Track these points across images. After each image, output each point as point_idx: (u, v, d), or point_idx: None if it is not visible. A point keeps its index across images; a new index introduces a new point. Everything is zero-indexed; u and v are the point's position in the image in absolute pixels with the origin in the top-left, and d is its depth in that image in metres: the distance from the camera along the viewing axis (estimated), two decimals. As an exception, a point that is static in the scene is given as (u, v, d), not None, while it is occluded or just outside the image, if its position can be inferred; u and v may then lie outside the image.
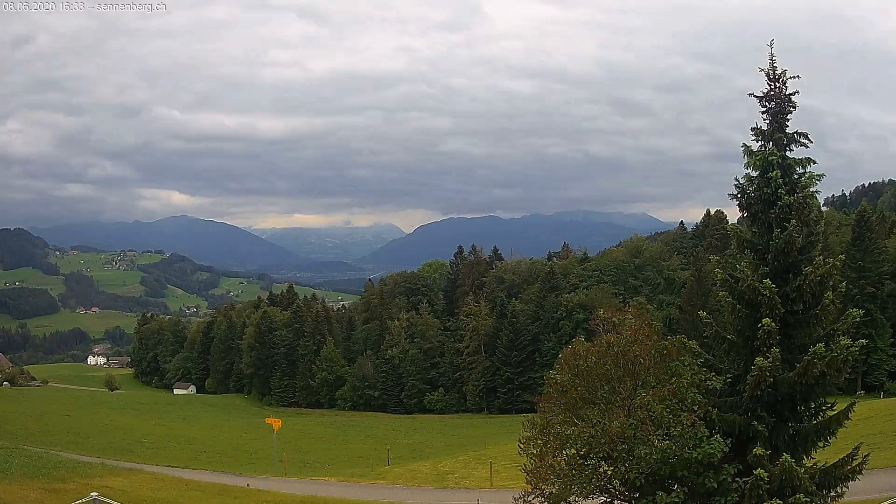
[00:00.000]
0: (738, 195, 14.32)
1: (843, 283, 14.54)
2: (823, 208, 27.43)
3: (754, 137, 14.15)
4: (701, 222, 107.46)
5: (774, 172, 13.56)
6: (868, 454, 13.88)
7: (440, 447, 57.30)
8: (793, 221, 13.49)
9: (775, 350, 12.89)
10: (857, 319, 13.67)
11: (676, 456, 13.18)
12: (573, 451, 14.36)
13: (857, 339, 13.36)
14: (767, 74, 13.96)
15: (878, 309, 72.22)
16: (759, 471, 12.46)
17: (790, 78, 13.89)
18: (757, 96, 14.07)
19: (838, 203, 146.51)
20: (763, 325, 13.06)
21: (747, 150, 14.13)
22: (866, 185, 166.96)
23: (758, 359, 12.93)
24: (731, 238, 14.68)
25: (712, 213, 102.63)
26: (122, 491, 22.50)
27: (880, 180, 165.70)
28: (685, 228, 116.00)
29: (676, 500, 13.17)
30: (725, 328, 14.66)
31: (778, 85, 13.90)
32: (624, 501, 14.43)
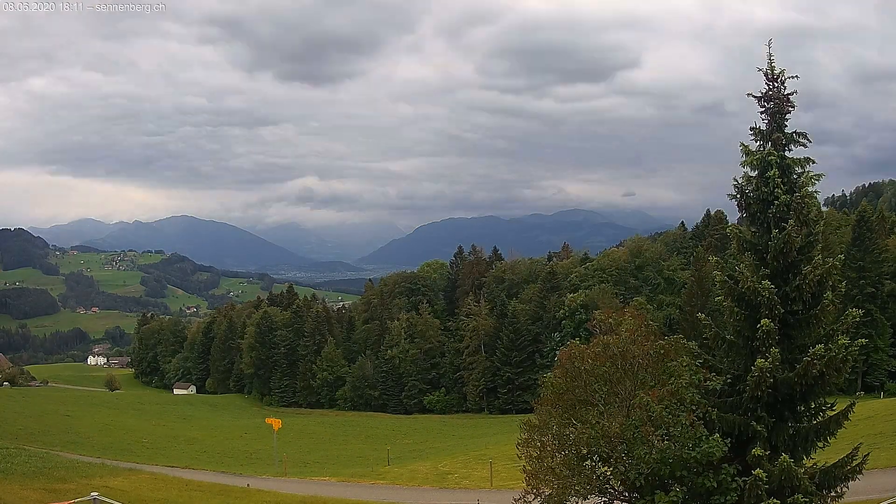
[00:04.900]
0: (737, 195, 14.29)
1: (843, 283, 14.49)
2: (823, 208, 27.34)
3: (753, 137, 14.13)
4: (701, 222, 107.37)
5: (772, 172, 13.52)
6: (868, 454, 13.84)
7: (440, 447, 57.17)
8: (791, 221, 13.43)
9: (775, 350, 12.85)
10: (857, 319, 13.59)
11: (676, 456, 13.17)
12: (572, 452, 14.35)
13: (857, 339, 13.31)
14: (766, 74, 13.92)
15: (878, 309, 72.12)
16: (758, 471, 12.44)
17: (788, 77, 13.88)
18: (755, 96, 14.02)
19: (838, 203, 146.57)
20: (762, 326, 13.03)
21: (745, 150, 14.10)
22: (866, 185, 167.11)
23: (758, 360, 12.90)
24: (731, 238, 14.62)
25: (712, 213, 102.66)
26: (123, 491, 22.50)
27: (880, 180, 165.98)
28: (685, 228, 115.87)
29: (675, 499, 13.16)
30: (725, 329, 14.62)
31: (776, 85, 13.88)
32: (623, 502, 14.43)
